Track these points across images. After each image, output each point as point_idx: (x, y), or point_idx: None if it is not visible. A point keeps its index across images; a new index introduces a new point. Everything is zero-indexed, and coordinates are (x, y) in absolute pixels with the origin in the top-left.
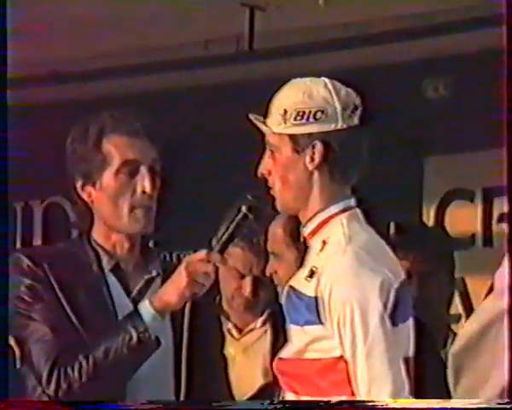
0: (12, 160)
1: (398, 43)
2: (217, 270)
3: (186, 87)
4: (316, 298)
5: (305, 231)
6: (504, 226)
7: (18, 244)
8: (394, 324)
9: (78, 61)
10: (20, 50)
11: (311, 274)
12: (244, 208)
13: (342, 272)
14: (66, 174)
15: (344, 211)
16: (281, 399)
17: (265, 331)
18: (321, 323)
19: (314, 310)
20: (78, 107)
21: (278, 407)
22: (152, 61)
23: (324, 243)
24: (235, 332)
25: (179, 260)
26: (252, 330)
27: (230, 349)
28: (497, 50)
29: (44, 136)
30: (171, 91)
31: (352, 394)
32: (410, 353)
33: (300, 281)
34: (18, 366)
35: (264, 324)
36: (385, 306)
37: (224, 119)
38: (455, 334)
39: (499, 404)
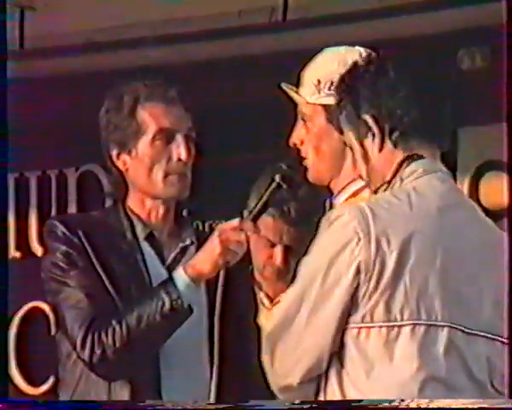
0: (47, 128)
1: (433, 12)
2: (248, 240)
3: (220, 57)
4: None
5: (337, 201)
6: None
7: (53, 212)
8: None
9: (113, 30)
10: (52, 21)
11: None
12: (278, 178)
13: None
14: (100, 143)
15: None
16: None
17: None
18: None
19: None
20: (113, 76)
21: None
22: (186, 31)
23: None
24: (266, 301)
25: (212, 229)
26: None
27: (262, 318)
28: None
29: (80, 104)
30: (206, 61)
31: None
32: None
33: None
34: (52, 332)
35: None
36: None
37: (258, 89)
38: None
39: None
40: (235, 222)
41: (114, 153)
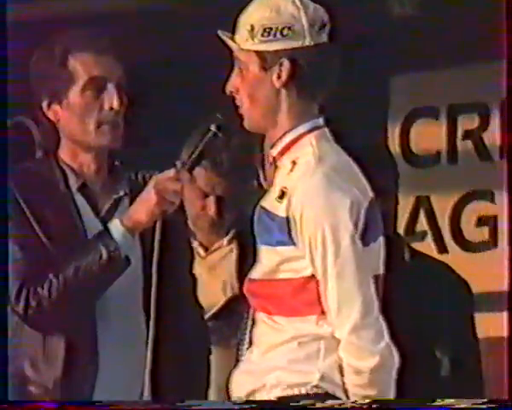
0: None
1: None
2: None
3: (152, 5)
4: (287, 219)
5: (274, 151)
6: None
7: None
8: (365, 243)
9: None
10: None
11: (282, 195)
12: (213, 127)
13: (312, 193)
14: (30, 94)
15: (313, 130)
16: (251, 318)
17: (231, 250)
18: (293, 243)
19: (286, 231)
20: (43, 25)
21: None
22: None
23: (294, 163)
24: (201, 251)
25: (145, 180)
26: (218, 248)
27: (197, 268)
28: None
29: (7, 55)
30: (137, 10)
31: (323, 312)
32: (380, 270)
33: (271, 202)
34: None
35: (230, 242)
36: (355, 226)
37: (191, 36)
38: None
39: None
40: (171, 172)
41: (45, 104)
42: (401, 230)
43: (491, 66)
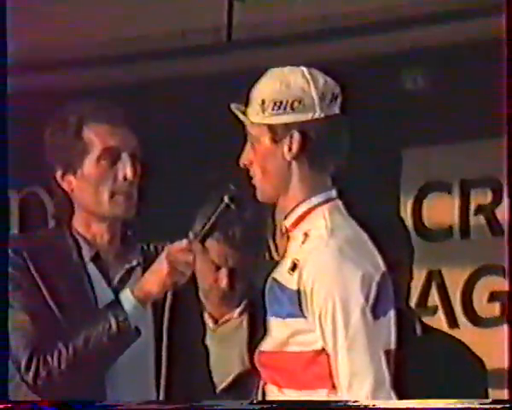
0: None
1: (376, 35)
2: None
3: (165, 77)
4: (298, 291)
5: (287, 222)
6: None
7: None
8: (376, 317)
9: (57, 50)
10: None
11: (294, 267)
12: (226, 198)
13: (324, 266)
14: (44, 164)
15: (325, 202)
16: (261, 390)
17: (242, 322)
18: (303, 316)
19: (296, 303)
20: (57, 96)
21: (257, 407)
22: (131, 52)
23: (306, 235)
24: (210, 323)
25: (157, 251)
26: (228, 320)
27: (207, 340)
28: (474, 43)
29: (21, 125)
30: (151, 81)
31: (334, 387)
32: (392, 345)
33: (283, 273)
34: None
35: (241, 314)
36: (366, 299)
37: (204, 109)
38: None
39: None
40: (184, 243)
41: (59, 174)
42: (413, 303)
43: (503, 141)
